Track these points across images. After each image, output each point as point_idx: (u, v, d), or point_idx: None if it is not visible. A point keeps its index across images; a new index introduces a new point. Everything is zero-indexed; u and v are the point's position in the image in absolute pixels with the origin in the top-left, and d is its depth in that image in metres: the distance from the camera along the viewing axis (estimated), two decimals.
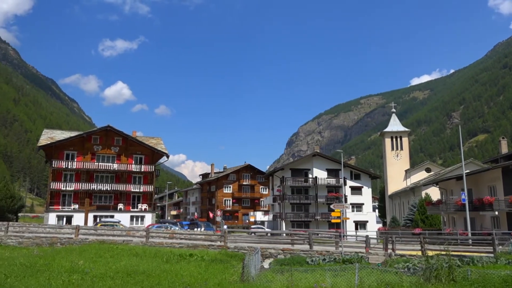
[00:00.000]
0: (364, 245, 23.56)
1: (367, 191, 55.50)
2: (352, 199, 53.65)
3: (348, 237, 35.78)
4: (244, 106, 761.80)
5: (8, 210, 54.11)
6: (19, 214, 64.08)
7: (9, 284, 10.36)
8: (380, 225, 57.57)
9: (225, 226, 50.21)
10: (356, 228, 51.94)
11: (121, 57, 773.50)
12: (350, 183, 54.81)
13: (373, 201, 62.86)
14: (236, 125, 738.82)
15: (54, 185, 46.02)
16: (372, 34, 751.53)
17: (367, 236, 24.07)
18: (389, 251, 22.21)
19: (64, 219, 45.12)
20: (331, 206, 24.18)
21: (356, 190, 55.02)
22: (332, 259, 19.88)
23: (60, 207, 46.21)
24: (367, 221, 53.60)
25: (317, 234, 33.35)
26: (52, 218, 44.56)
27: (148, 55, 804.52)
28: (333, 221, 38.95)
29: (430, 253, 17.98)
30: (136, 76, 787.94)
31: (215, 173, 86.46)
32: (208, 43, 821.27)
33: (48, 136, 48.91)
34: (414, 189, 56.41)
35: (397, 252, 22.05)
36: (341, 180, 52.00)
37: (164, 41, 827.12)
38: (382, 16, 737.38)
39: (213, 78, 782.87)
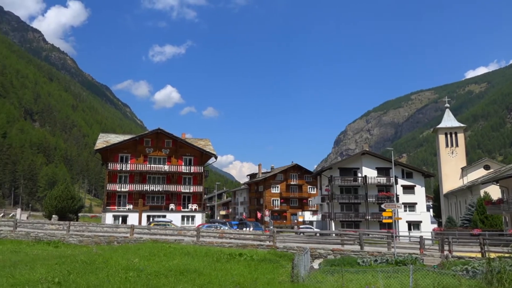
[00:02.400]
0: (418, 246, 22.65)
1: (420, 190, 53.30)
2: (404, 198, 51.74)
3: (400, 237, 34.58)
4: (291, 105, 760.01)
5: (69, 210, 57.44)
6: (79, 214, 67.80)
7: (72, 280, 10.98)
8: (435, 226, 55.14)
9: (271, 226, 50.26)
10: (409, 229, 50.05)
11: (170, 61, 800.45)
12: (401, 182, 52.91)
13: (427, 201, 60.25)
14: (282, 125, 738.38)
15: (110, 187, 48.25)
16: (424, 28, 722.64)
17: (421, 237, 23.11)
18: (446, 252, 21.22)
19: (120, 218, 47.16)
20: (382, 206, 23.48)
21: (408, 189, 53.02)
22: (384, 260, 19.31)
23: (116, 207, 48.38)
24: (420, 221, 51.46)
25: (368, 234, 32.51)
26: (109, 218, 46.74)
27: (196, 58, 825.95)
28: (384, 221, 37.89)
29: (491, 255, 16.98)
30: (184, 80, 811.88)
31: (262, 173, 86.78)
32: (253, 43, 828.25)
33: (104, 140, 51.37)
34: (471, 188, 53.53)
35: (455, 254, 21.01)
36: (392, 179, 50.35)
37: (211, 44, 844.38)
38: (434, 9, 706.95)
39: (260, 78, 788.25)
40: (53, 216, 48.50)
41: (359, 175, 52.83)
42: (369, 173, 52.37)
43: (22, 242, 24.26)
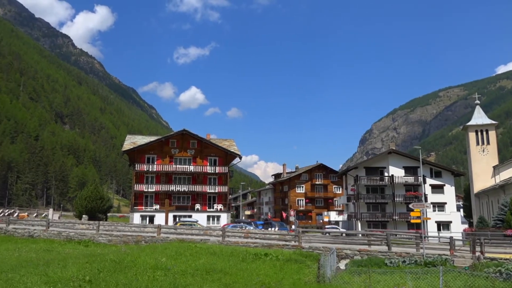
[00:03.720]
0: (448, 247, 22.08)
1: (449, 190, 51.92)
2: (433, 198, 50.51)
3: (429, 238, 33.81)
4: (315, 105, 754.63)
5: (99, 210, 58.71)
6: (108, 214, 69.24)
7: (102, 278, 11.25)
8: (466, 226, 53.62)
9: (293, 226, 50.02)
10: (439, 229, 48.84)
11: (194, 63, 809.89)
12: (430, 181, 51.69)
13: (457, 200, 58.72)
14: (307, 124, 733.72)
15: (137, 187, 49.18)
16: (452, 23, 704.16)
17: (451, 237, 22.51)
18: (477, 253, 20.59)
19: (147, 218, 48.01)
20: (410, 206, 23.00)
21: (437, 189, 51.75)
22: (412, 261, 18.93)
23: (143, 207, 49.27)
24: (450, 222, 50.14)
25: (396, 234, 31.91)
26: (136, 218, 47.67)
27: (219, 60, 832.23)
28: (412, 221, 37.01)
29: None
30: (209, 81, 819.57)
31: (287, 173, 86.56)
32: (277, 43, 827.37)
33: (131, 141, 52.39)
34: (504, 187, 51.69)
35: (487, 255, 20.36)
36: (420, 178, 49.23)
37: (234, 45, 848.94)
38: (462, 4, 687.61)
39: (284, 78, 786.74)
40: (83, 216, 49.68)
41: (386, 174, 51.95)
42: (396, 172, 51.42)
43: (54, 241, 25.04)
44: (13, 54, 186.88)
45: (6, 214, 54.84)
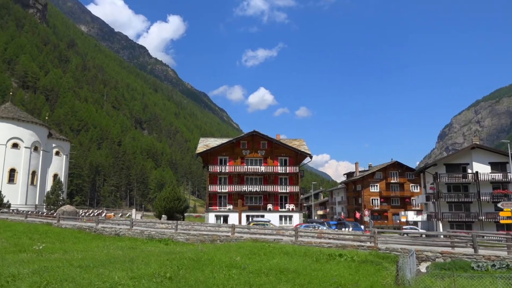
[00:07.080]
0: None
1: None
2: None
3: None
4: (387, 100, 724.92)
5: (176, 211, 61.54)
6: (185, 214, 72.31)
7: (181, 275, 11.76)
8: None
9: (362, 226, 48.37)
10: None
11: (262, 65, 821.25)
12: None
13: None
14: (378, 121, 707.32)
15: (211, 188, 50.83)
16: None
17: None
18: None
19: (221, 218, 49.43)
20: (499, 205, 21.16)
21: None
22: (503, 265, 17.35)
23: (217, 207, 50.81)
24: None
25: (483, 236, 29.52)
26: (211, 218, 49.30)
27: (287, 60, 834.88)
28: (502, 221, 34.12)
29: None
30: (277, 82, 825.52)
31: (360, 171, 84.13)
32: (346, 40, 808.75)
33: (204, 144, 54.33)
34: None
35: None
36: (510, 175, 45.09)
37: (302, 45, 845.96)
38: None
39: (353, 75, 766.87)
40: (163, 216, 52.31)
41: (469, 171, 48.27)
42: (481, 168, 47.56)
43: (138, 240, 26.68)
44: (97, 67, 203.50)
45: (95, 214, 59.66)
